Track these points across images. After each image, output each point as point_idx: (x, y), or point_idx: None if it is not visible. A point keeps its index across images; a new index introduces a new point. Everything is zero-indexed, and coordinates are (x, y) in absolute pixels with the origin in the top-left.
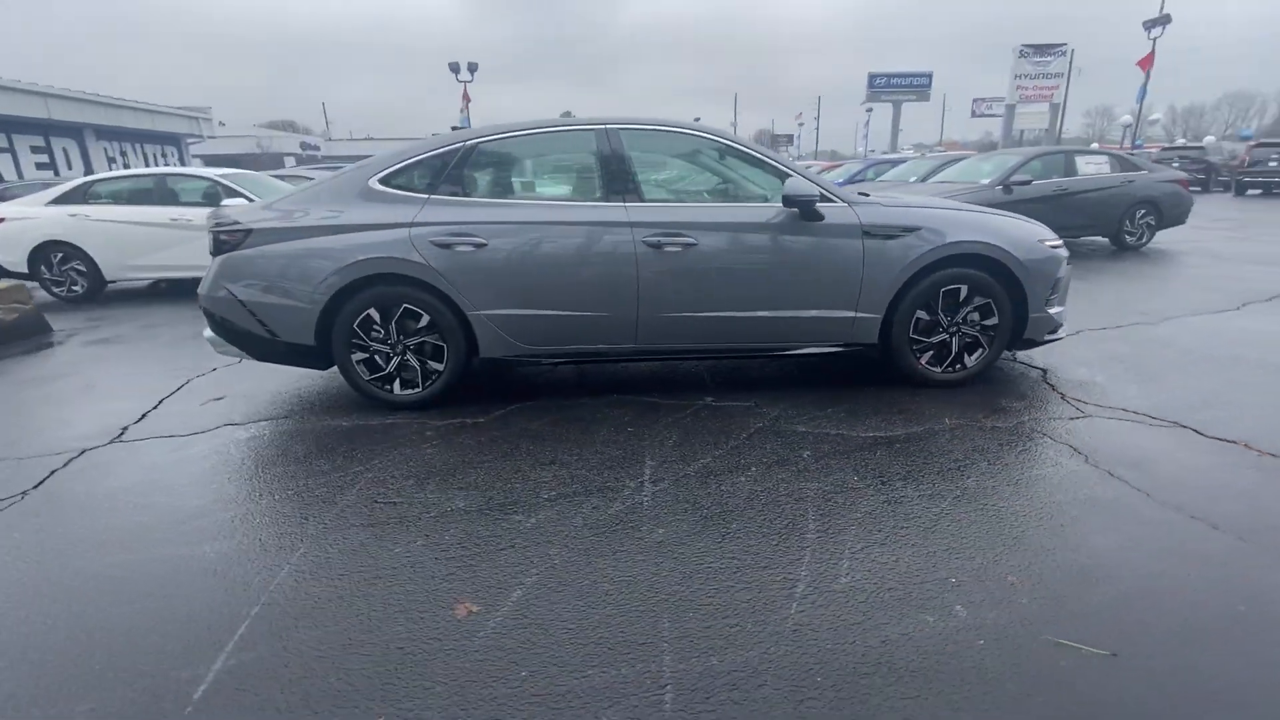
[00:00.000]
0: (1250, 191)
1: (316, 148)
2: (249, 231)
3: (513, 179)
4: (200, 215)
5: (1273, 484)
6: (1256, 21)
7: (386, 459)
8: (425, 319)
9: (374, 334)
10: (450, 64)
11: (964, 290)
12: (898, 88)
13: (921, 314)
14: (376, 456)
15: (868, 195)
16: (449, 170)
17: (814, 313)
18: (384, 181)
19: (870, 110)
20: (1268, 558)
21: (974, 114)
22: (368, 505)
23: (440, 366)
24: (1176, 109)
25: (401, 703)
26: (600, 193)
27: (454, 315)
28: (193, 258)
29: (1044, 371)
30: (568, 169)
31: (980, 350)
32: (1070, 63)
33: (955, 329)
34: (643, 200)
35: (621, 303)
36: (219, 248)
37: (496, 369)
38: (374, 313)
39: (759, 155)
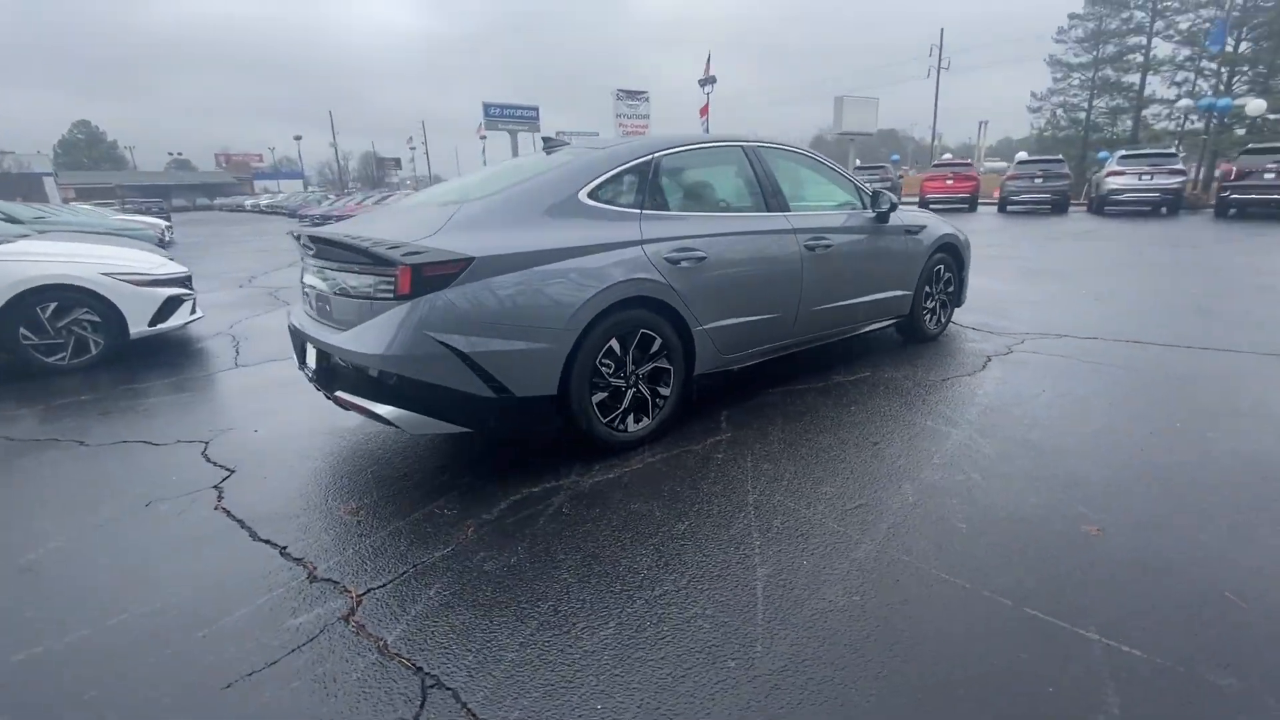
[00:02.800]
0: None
1: None
2: (469, 260)
3: (696, 192)
4: None
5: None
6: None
7: (718, 504)
8: (658, 341)
9: (609, 368)
10: None
11: (942, 268)
12: (511, 118)
13: (926, 288)
14: (699, 502)
15: None
16: (647, 183)
17: (886, 294)
18: (592, 196)
19: (485, 138)
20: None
21: None
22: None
23: (666, 392)
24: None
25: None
26: (764, 204)
27: (678, 334)
28: None
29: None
30: (729, 182)
31: (949, 309)
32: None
33: (939, 296)
34: (789, 210)
35: (789, 302)
36: (422, 286)
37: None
38: (615, 343)
39: (840, 171)
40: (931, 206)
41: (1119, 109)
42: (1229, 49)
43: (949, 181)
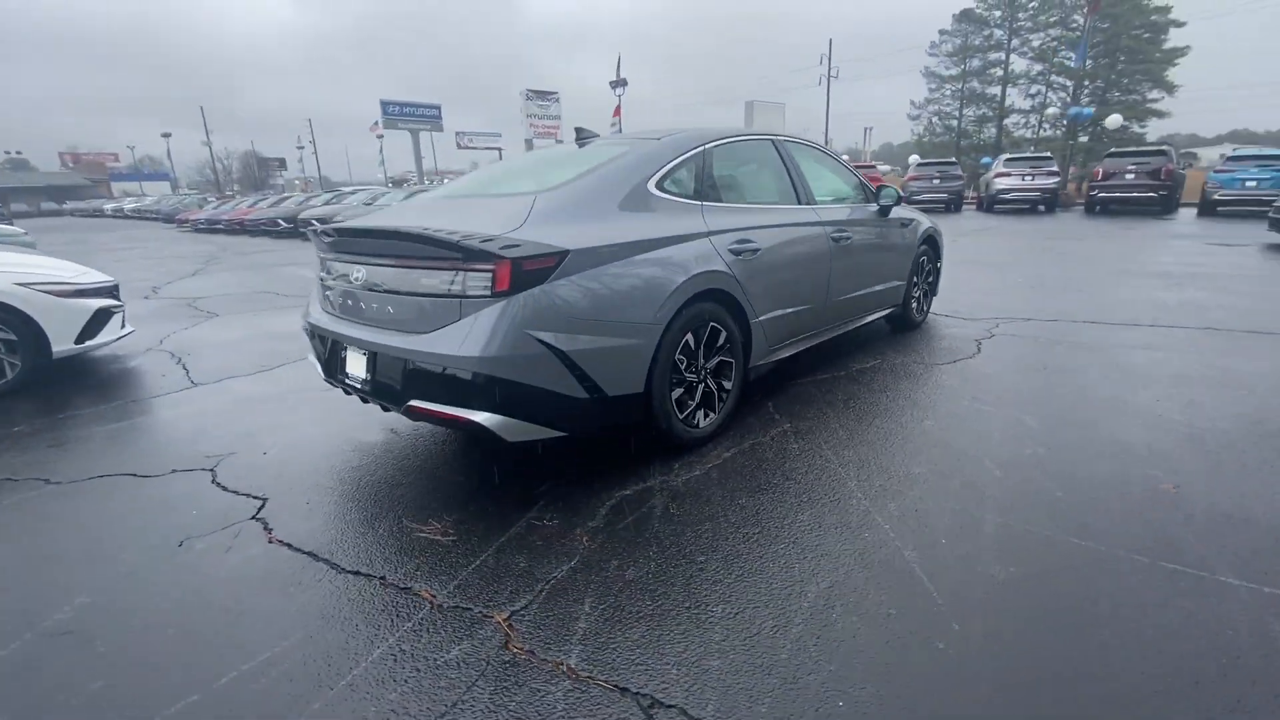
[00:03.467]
0: None
1: None
2: (565, 254)
3: (742, 184)
4: None
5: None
6: None
7: (824, 492)
8: (723, 334)
9: (683, 363)
10: None
11: (925, 259)
12: (412, 117)
13: (914, 278)
14: (805, 492)
15: None
16: (703, 175)
17: (888, 284)
18: (659, 186)
19: (382, 137)
20: None
21: (459, 146)
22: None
23: (729, 385)
24: None
25: None
26: (795, 197)
27: (739, 327)
28: None
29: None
30: (767, 175)
31: (929, 298)
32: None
33: (922, 286)
34: (816, 203)
35: (820, 293)
36: (522, 281)
37: None
38: (690, 337)
39: (845, 165)
40: None
41: (985, 117)
42: (1077, 65)
43: None
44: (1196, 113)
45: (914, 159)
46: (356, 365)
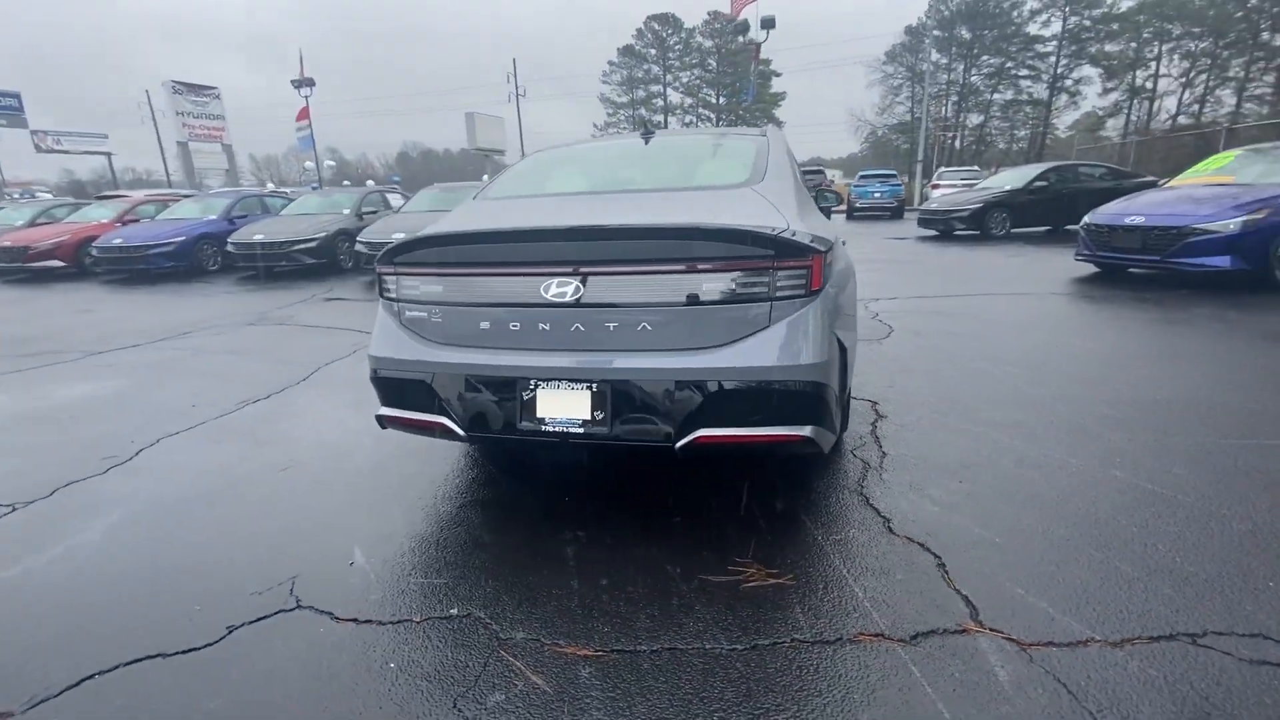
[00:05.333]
0: None
1: None
2: (832, 247)
3: None
4: None
5: None
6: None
7: None
8: None
9: None
10: None
11: None
12: None
13: None
14: None
15: None
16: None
17: None
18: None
19: None
20: None
21: (38, 149)
22: None
23: None
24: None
25: None
26: None
27: None
28: None
29: None
30: None
31: None
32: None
33: None
34: None
35: None
36: (826, 276)
37: None
38: None
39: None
40: None
41: None
42: (714, 100)
43: None
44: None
45: None
46: (567, 404)
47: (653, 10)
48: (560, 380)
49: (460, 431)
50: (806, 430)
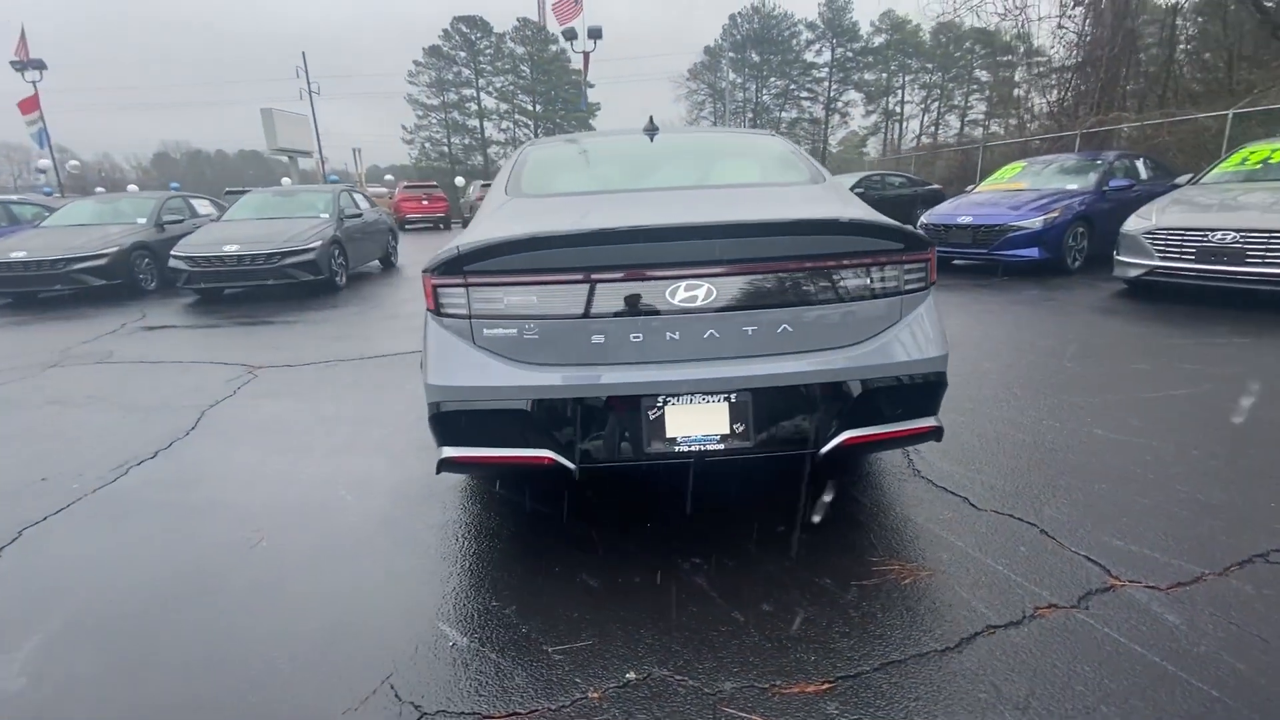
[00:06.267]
0: None
1: None
2: None
3: None
4: None
5: None
6: None
7: None
8: None
9: None
10: None
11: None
12: None
13: None
14: None
15: None
16: None
17: None
18: None
19: None
20: None
21: None
22: None
23: None
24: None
25: None
26: None
27: None
28: None
29: None
30: None
31: None
32: None
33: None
34: None
35: None
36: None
37: None
38: None
39: None
40: (408, 226)
41: (471, 146)
42: (531, 107)
43: (424, 202)
44: None
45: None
46: (702, 420)
47: (453, 13)
48: (693, 394)
49: (571, 466)
50: (934, 420)
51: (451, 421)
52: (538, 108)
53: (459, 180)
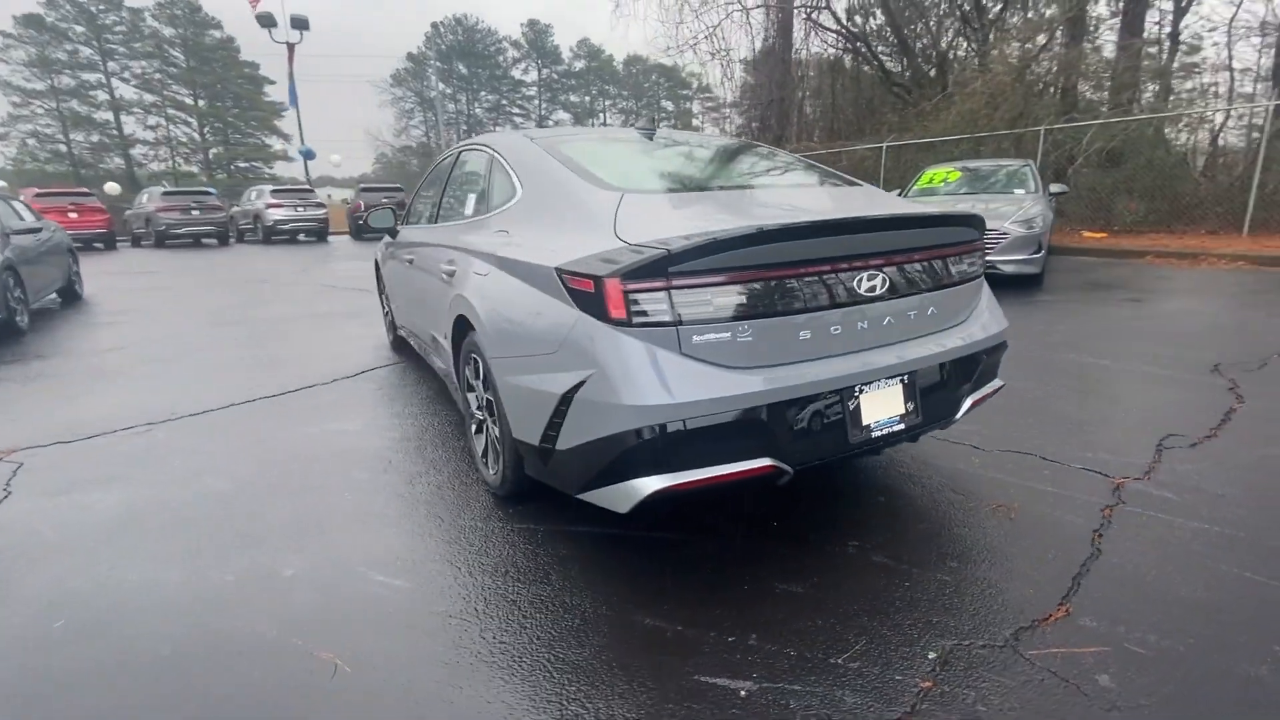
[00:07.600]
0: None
1: None
2: None
3: None
4: None
5: None
6: None
7: None
8: None
9: None
10: None
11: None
12: None
13: None
14: None
15: None
16: None
17: None
18: None
19: None
20: None
21: None
22: None
23: None
24: None
25: None
26: None
27: None
28: None
29: None
30: None
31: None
32: None
33: None
34: None
35: None
36: None
37: None
38: None
39: None
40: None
41: (104, 145)
42: (191, 101)
43: (72, 215)
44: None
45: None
46: (887, 404)
47: None
48: (881, 379)
49: (789, 469)
50: (1001, 382)
51: (665, 446)
52: (200, 103)
53: (111, 186)
